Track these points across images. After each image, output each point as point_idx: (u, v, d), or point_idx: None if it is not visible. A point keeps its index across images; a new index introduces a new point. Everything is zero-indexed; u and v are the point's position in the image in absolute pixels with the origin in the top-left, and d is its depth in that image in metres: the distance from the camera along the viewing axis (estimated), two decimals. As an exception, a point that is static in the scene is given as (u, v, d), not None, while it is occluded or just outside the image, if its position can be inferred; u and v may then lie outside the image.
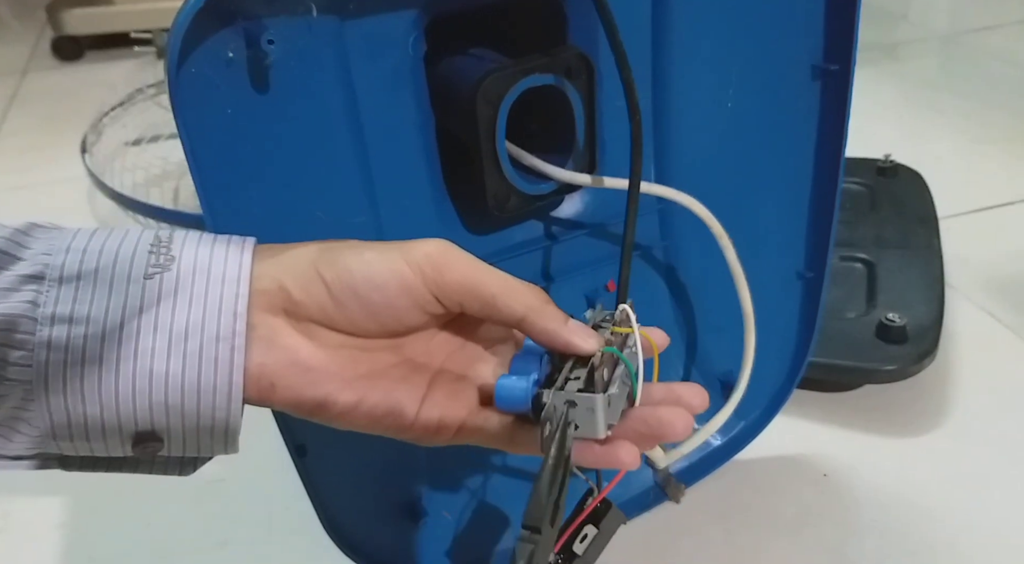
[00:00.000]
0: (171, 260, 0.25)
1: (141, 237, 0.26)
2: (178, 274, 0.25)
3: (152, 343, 0.25)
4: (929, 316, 0.57)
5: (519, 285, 0.29)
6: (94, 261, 0.25)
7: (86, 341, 0.24)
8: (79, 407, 0.25)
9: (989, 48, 1.18)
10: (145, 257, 0.25)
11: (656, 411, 0.28)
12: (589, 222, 0.44)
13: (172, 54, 0.30)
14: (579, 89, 0.39)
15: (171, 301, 0.25)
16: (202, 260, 0.26)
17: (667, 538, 0.48)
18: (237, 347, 0.25)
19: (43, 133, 1.09)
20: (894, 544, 0.47)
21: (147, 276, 0.25)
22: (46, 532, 0.51)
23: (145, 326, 0.25)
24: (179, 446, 0.26)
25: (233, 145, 0.33)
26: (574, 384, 0.27)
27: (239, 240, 0.27)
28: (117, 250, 0.25)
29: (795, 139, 0.44)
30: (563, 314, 0.29)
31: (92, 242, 0.25)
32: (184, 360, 0.25)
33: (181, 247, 0.26)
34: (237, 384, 0.25)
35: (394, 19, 0.35)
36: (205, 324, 0.25)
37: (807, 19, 0.42)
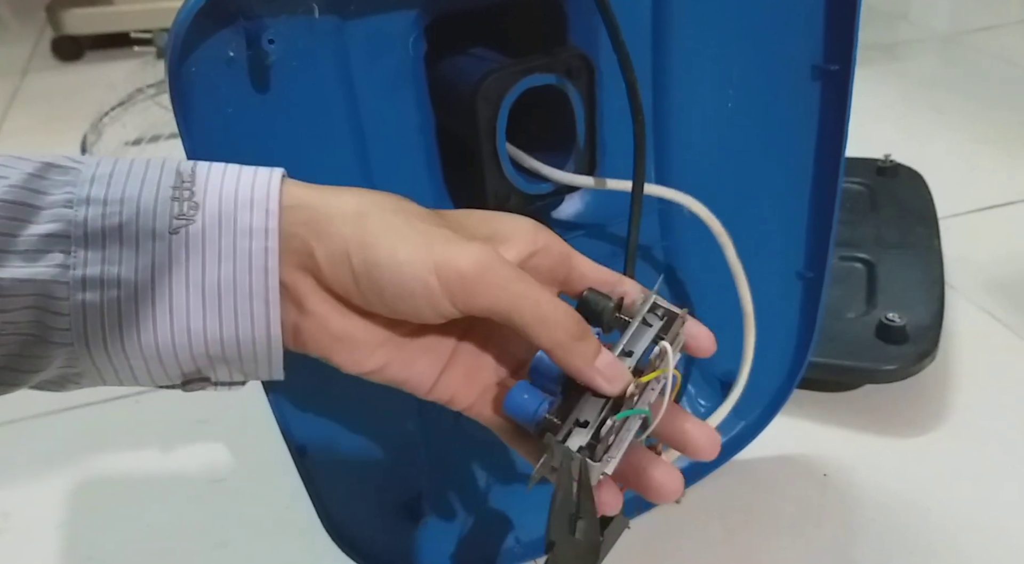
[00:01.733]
0: (195, 208, 0.25)
1: (162, 176, 0.25)
2: (203, 226, 0.25)
3: (186, 300, 0.25)
4: (929, 316, 0.57)
5: (552, 315, 0.27)
6: (117, 215, 0.24)
7: (120, 304, 0.24)
8: (124, 362, 0.25)
9: (989, 48, 1.18)
10: (168, 206, 0.24)
11: (651, 471, 0.28)
12: (590, 222, 0.44)
13: (172, 54, 0.30)
14: (579, 89, 0.39)
15: (200, 257, 0.25)
16: (227, 207, 0.25)
17: (667, 538, 0.48)
18: (272, 302, 0.25)
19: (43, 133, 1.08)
20: (894, 543, 0.47)
21: (172, 230, 0.24)
22: (46, 532, 0.51)
23: (177, 283, 0.24)
24: (226, 378, 0.27)
25: (233, 145, 0.33)
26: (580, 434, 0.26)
27: (264, 177, 0.26)
28: (138, 198, 0.24)
29: (795, 139, 0.44)
30: (594, 349, 0.27)
31: (112, 188, 0.24)
32: (220, 316, 0.25)
33: (205, 188, 0.25)
34: (276, 336, 0.26)
35: (395, 19, 0.35)
36: (236, 280, 0.25)
37: (807, 19, 0.42)
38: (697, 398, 0.51)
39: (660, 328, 0.29)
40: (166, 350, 0.25)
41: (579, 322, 0.27)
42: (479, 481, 0.44)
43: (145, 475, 0.54)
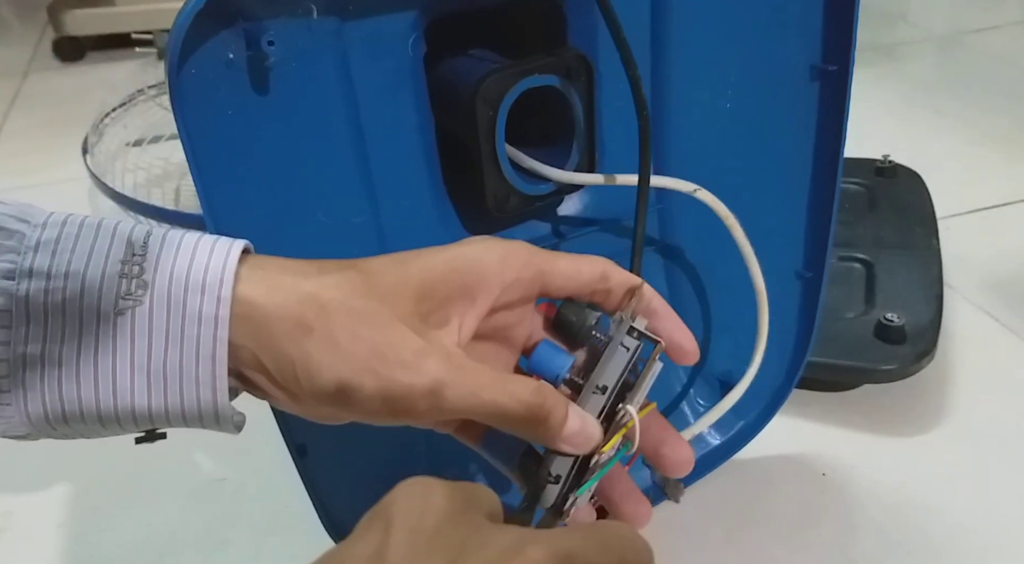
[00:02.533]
0: (143, 287, 0.24)
1: (112, 247, 0.24)
2: (151, 307, 0.24)
3: (131, 382, 0.24)
4: (928, 316, 0.57)
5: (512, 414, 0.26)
6: (60, 292, 0.23)
7: (61, 384, 0.24)
8: (68, 432, 0.25)
9: (988, 49, 1.19)
10: (115, 283, 0.23)
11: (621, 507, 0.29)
12: (589, 222, 0.45)
13: (172, 55, 0.30)
14: (579, 90, 0.39)
15: (146, 340, 0.24)
16: (177, 290, 0.24)
17: (666, 537, 0.48)
18: (220, 389, 0.24)
19: (44, 134, 1.09)
20: (893, 543, 0.47)
21: (118, 311, 0.23)
22: (48, 532, 0.51)
23: (121, 364, 0.24)
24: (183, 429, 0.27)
25: (234, 146, 0.33)
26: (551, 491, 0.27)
27: (222, 254, 0.25)
28: (84, 273, 0.23)
29: (794, 139, 0.45)
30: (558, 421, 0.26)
31: (56, 260, 0.23)
32: (166, 399, 0.24)
33: (155, 264, 0.24)
34: (224, 413, 0.25)
35: (394, 20, 0.35)
36: (184, 366, 0.24)
37: (806, 20, 0.42)
38: (696, 397, 0.51)
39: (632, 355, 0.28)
40: (110, 424, 0.25)
41: (538, 407, 0.26)
42: (479, 481, 0.44)
43: (146, 474, 0.54)
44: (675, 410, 0.51)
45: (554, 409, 0.26)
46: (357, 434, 0.29)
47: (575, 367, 0.28)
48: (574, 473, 0.27)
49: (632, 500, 0.29)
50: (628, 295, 0.29)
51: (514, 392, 0.26)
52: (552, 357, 0.28)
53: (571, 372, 0.28)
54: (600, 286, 0.29)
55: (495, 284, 0.28)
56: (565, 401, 0.26)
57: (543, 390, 0.26)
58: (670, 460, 0.29)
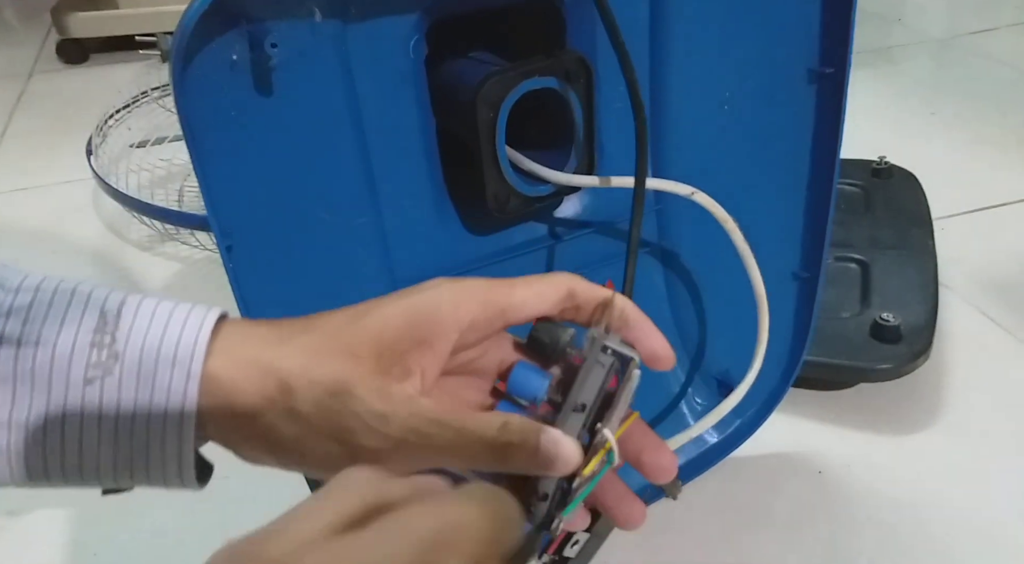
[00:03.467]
0: (114, 358, 0.23)
1: (84, 316, 0.24)
2: (120, 379, 0.23)
3: (97, 447, 0.24)
4: (923, 316, 0.57)
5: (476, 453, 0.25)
6: (30, 359, 0.23)
7: (26, 447, 0.24)
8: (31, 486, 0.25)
9: (983, 51, 1.19)
10: (86, 353, 0.23)
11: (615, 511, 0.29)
12: (588, 223, 0.45)
13: (177, 57, 0.30)
14: (578, 92, 0.39)
15: (114, 410, 0.24)
16: (148, 361, 0.24)
17: (664, 534, 0.48)
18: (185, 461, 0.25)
19: (49, 135, 1.09)
20: (888, 540, 0.47)
21: (87, 381, 0.23)
22: (49, 531, 0.51)
23: (88, 431, 0.24)
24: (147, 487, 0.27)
25: (237, 147, 0.33)
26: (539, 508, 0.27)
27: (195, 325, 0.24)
28: (55, 342, 0.23)
29: (791, 141, 0.45)
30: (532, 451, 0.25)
31: (28, 326, 0.23)
32: (131, 464, 0.25)
33: (127, 335, 0.24)
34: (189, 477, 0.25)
35: (396, 23, 0.36)
36: (150, 439, 0.24)
37: (803, 23, 0.42)
38: (694, 396, 0.51)
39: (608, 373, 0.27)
40: (75, 481, 0.25)
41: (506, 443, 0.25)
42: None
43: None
44: (673, 409, 0.51)
45: (523, 441, 0.25)
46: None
47: (552, 385, 0.28)
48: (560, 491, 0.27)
49: (625, 503, 0.29)
50: (600, 309, 0.28)
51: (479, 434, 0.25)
52: (528, 379, 0.28)
53: (549, 392, 0.28)
54: (568, 304, 0.29)
55: (452, 329, 0.27)
56: (536, 428, 0.26)
57: (509, 426, 0.25)
58: (651, 466, 0.29)
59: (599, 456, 0.27)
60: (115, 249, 0.82)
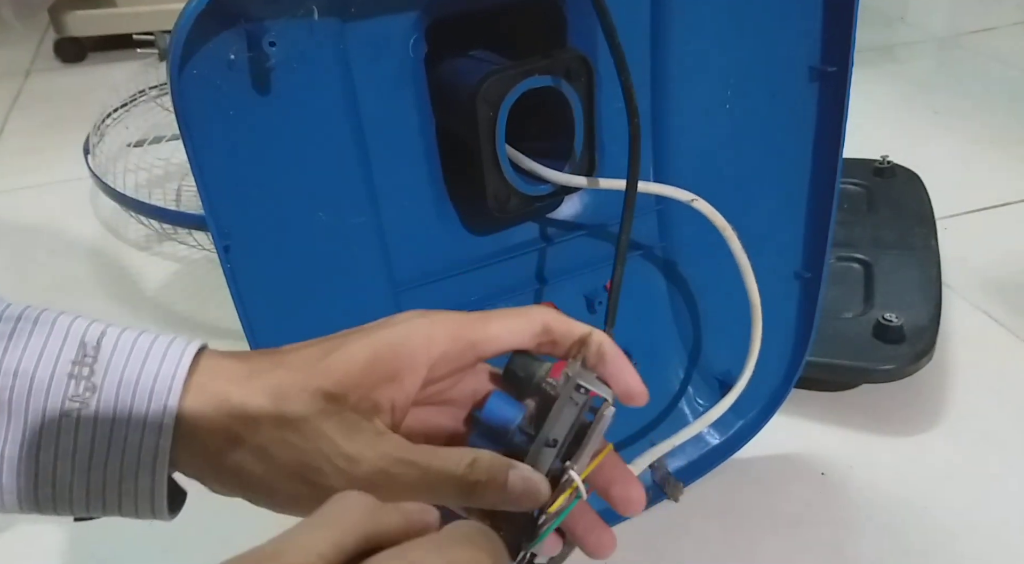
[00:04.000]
0: (92, 390, 0.24)
1: (64, 347, 0.24)
2: (97, 411, 0.24)
3: (70, 480, 0.24)
4: (926, 316, 0.57)
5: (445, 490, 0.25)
6: (8, 389, 0.23)
7: (1, 474, 0.24)
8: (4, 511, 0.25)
9: (986, 50, 1.19)
10: (64, 384, 0.24)
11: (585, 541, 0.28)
12: (589, 223, 0.45)
13: (174, 56, 0.30)
14: (578, 91, 0.39)
15: (89, 442, 0.24)
16: (125, 395, 0.24)
17: (665, 537, 0.48)
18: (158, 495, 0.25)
19: (46, 134, 1.09)
20: (891, 542, 0.47)
21: (64, 413, 0.23)
22: (48, 531, 0.51)
23: (62, 462, 0.24)
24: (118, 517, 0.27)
25: (235, 146, 0.33)
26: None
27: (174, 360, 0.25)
28: (34, 372, 0.23)
29: (793, 140, 0.45)
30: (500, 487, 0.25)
31: (8, 356, 0.23)
32: (104, 498, 0.25)
33: (106, 367, 0.24)
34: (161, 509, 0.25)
35: (395, 21, 0.35)
36: (124, 473, 0.24)
37: (805, 21, 0.42)
38: (695, 397, 0.51)
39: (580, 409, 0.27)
40: (47, 509, 0.25)
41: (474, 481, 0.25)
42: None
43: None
44: (674, 409, 0.51)
45: (491, 478, 0.25)
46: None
47: (526, 417, 0.28)
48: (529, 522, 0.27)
49: (595, 533, 0.28)
50: (576, 345, 0.28)
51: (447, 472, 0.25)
52: (503, 410, 0.28)
53: (522, 423, 0.28)
54: (544, 339, 0.29)
55: (421, 364, 0.27)
56: (505, 465, 0.26)
57: (477, 464, 0.25)
58: (620, 499, 0.28)
59: (566, 493, 0.26)
60: (112, 249, 0.81)
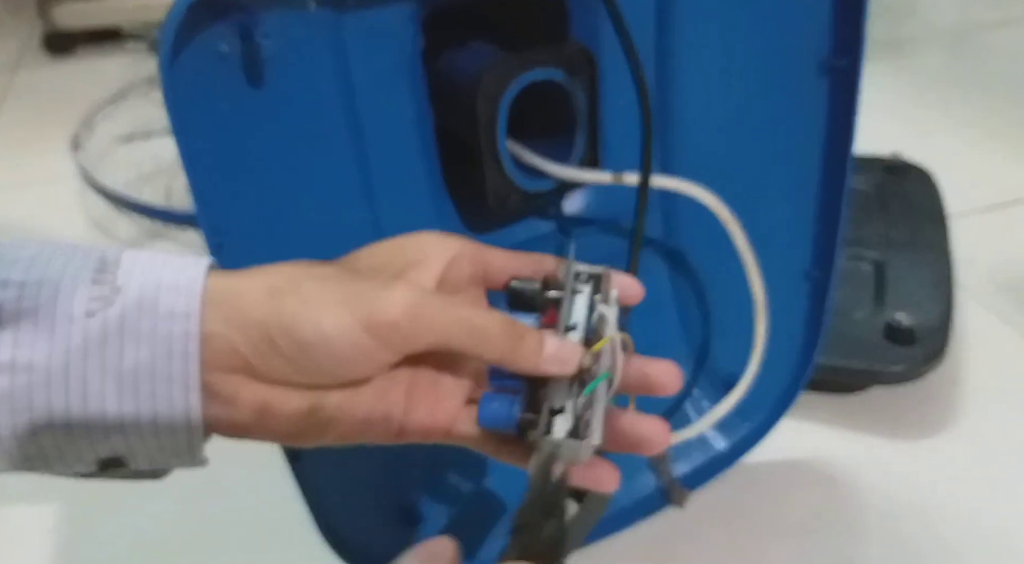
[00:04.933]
0: (115, 292, 0.24)
1: (86, 262, 0.25)
2: (122, 310, 0.24)
3: (100, 386, 0.24)
4: (938, 317, 0.56)
5: (487, 331, 0.27)
6: (33, 297, 0.23)
7: (31, 389, 0.23)
8: (34, 448, 0.24)
9: (999, 44, 1.18)
10: (87, 288, 0.24)
11: (636, 426, 0.29)
12: (591, 219, 0.44)
13: (165, 48, 0.29)
14: (581, 84, 0.38)
15: (117, 340, 0.24)
16: (148, 291, 0.24)
17: (671, 543, 0.47)
18: (192, 387, 0.24)
19: (34, 129, 1.08)
20: (902, 549, 0.46)
21: (88, 313, 0.24)
22: (35, 537, 0.51)
23: (92, 369, 0.24)
24: (146, 464, 0.26)
25: (227, 141, 0.33)
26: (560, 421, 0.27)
27: (191, 265, 0.26)
28: (58, 281, 0.24)
29: (803, 136, 0.44)
30: (536, 343, 0.27)
31: (32, 271, 0.24)
32: (137, 402, 0.24)
33: (127, 275, 0.25)
34: (196, 424, 0.25)
35: (393, 13, 0.35)
36: (155, 365, 0.24)
37: (815, 13, 0.41)
38: (701, 400, 0.50)
39: (591, 291, 0.30)
40: (80, 435, 0.24)
41: (512, 326, 0.27)
42: (474, 485, 0.44)
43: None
44: (678, 411, 0.50)
45: (529, 331, 0.28)
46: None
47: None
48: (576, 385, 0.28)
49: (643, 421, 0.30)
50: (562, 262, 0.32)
51: (488, 314, 0.27)
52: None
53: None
54: (538, 268, 0.32)
55: (440, 254, 0.30)
56: (538, 330, 0.28)
57: (514, 320, 0.28)
58: (657, 378, 0.30)
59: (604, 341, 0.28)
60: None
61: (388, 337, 0.26)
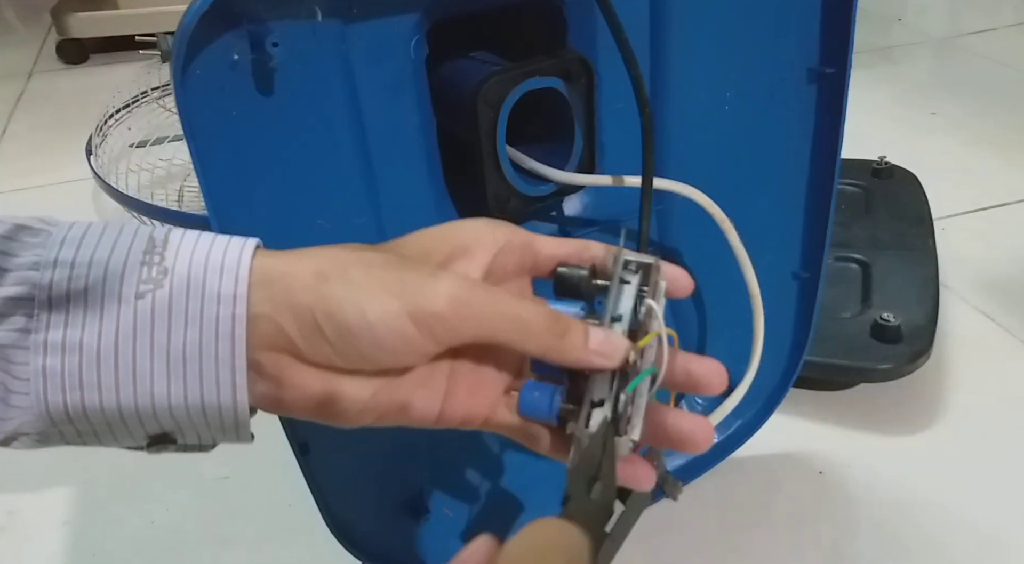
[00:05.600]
0: (164, 273, 0.24)
1: (134, 241, 0.25)
2: (171, 291, 0.24)
3: (150, 366, 0.24)
4: (924, 316, 0.57)
5: (532, 323, 0.27)
6: (83, 278, 0.24)
7: (81, 369, 0.24)
8: (86, 426, 0.24)
9: (984, 51, 1.19)
10: (137, 270, 0.24)
11: (679, 424, 0.28)
12: (589, 223, 0.45)
13: (177, 57, 0.30)
14: (579, 92, 0.39)
15: (166, 322, 0.24)
16: (196, 272, 0.24)
17: (664, 535, 0.48)
18: (238, 368, 0.24)
19: (48, 135, 1.09)
20: (889, 541, 0.47)
21: (139, 295, 0.24)
22: (51, 529, 0.51)
23: (141, 349, 0.24)
24: (194, 440, 0.27)
25: (238, 147, 0.33)
26: (599, 414, 0.26)
27: (238, 245, 0.26)
28: (107, 261, 0.24)
29: (791, 141, 0.45)
30: (581, 336, 0.27)
31: (81, 251, 0.24)
32: (185, 382, 0.24)
33: (175, 256, 0.25)
34: (243, 404, 0.25)
35: (397, 23, 0.35)
36: (203, 347, 0.24)
37: (803, 22, 0.42)
38: (695, 397, 0.51)
39: (639, 282, 0.29)
40: (129, 415, 0.24)
41: (557, 319, 0.27)
42: (481, 477, 0.44)
43: (149, 472, 0.55)
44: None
45: (574, 323, 0.27)
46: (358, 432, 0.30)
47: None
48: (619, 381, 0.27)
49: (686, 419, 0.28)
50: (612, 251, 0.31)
51: (533, 306, 0.27)
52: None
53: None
54: (585, 254, 0.31)
55: (489, 243, 0.30)
56: (583, 322, 0.27)
57: (559, 312, 0.27)
58: (702, 374, 0.29)
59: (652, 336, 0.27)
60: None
61: (432, 328, 0.25)
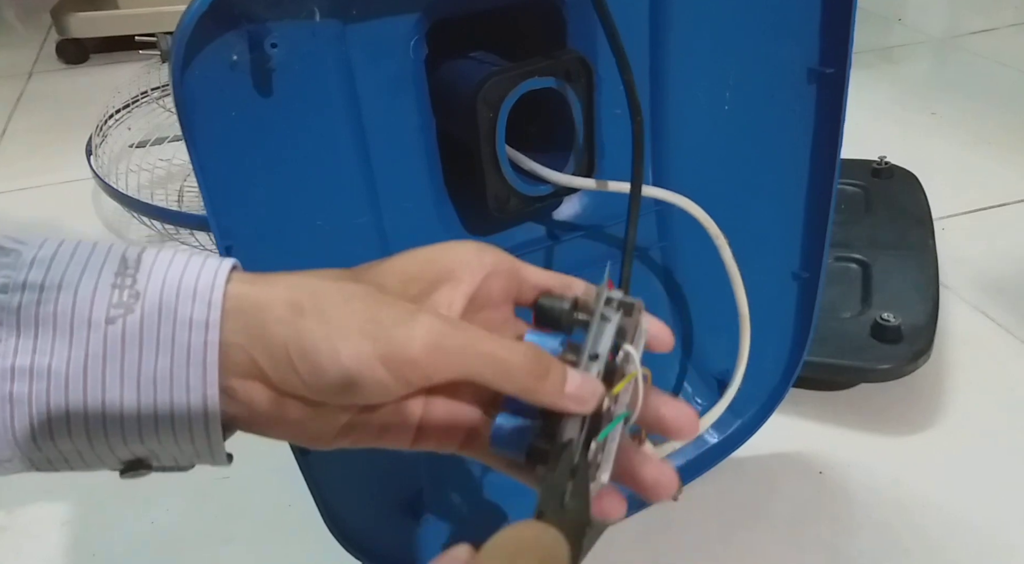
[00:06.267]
0: (135, 297, 0.23)
1: (106, 263, 0.24)
2: (142, 316, 0.23)
3: (120, 393, 0.23)
4: (924, 316, 0.57)
5: (510, 365, 0.26)
6: (52, 302, 0.23)
7: (49, 395, 0.23)
8: (54, 452, 0.24)
9: (983, 51, 1.19)
10: (108, 294, 0.23)
11: (643, 471, 0.28)
12: (588, 223, 0.45)
13: (177, 57, 0.30)
14: (578, 92, 0.39)
15: (136, 349, 0.23)
16: (168, 297, 0.24)
17: (664, 535, 0.48)
18: (210, 396, 0.24)
19: (48, 135, 1.09)
20: (888, 541, 0.47)
21: (109, 320, 0.23)
22: (50, 530, 0.51)
23: (111, 375, 0.23)
24: (171, 462, 0.26)
25: (237, 147, 0.33)
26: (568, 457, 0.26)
27: (212, 268, 0.25)
28: (77, 285, 0.23)
29: (791, 141, 0.45)
30: (559, 379, 0.26)
31: (51, 273, 0.23)
32: (156, 409, 0.24)
33: (147, 278, 0.24)
34: (215, 431, 0.25)
35: (396, 23, 0.36)
36: (174, 373, 0.24)
37: (803, 22, 0.42)
38: (694, 396, 0.51)
39: (619, 320, 0.29)
40: (98, 441, 0.24)
41: (538, 360, 0.26)
42: (478, 478, 0.44)
43: (148, 474, 0.55)
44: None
45: (553, 365, 0.26)
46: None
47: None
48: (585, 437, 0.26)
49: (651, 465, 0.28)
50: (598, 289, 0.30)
51: (513, 346, 0.26)
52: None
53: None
54: (568, 292, 0.31)
55: (476, 269, 0.29)
56: (562, 363, 0.27)
57: (540, 350, 0.27)
58: (672, 420, 0.29)
59: (626, 380, 0.27)
60: (115, 249, 0.82)
61: (406, 374, 0.25)
